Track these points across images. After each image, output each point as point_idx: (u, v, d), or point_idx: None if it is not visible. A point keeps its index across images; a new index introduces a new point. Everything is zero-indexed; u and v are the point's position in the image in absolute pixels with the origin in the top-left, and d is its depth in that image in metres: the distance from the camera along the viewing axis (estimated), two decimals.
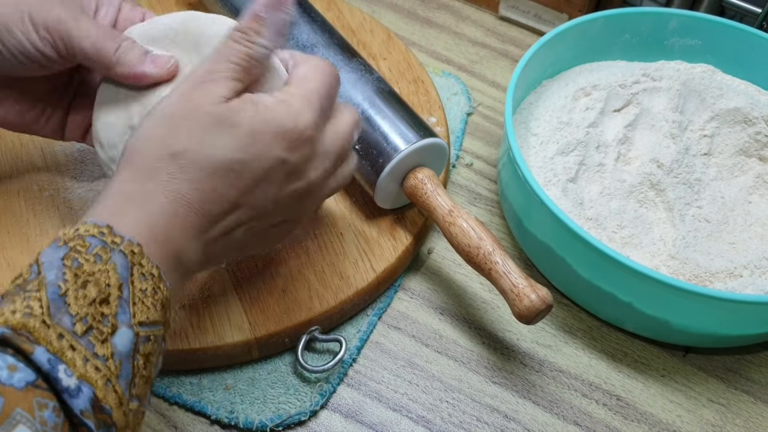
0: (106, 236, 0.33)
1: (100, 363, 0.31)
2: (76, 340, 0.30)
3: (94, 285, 0.32)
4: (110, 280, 0.32)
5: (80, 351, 0.30)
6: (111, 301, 0.32)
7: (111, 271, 0.33)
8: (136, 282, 0.33)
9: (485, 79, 0.71)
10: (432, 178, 0.52)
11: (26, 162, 0.56)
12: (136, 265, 0.34)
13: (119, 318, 0.32)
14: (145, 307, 0.33)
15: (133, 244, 0.34)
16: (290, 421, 0.48)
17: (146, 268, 0.34)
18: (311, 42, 0.57)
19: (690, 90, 0.60)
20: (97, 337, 0.31)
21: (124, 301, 0.33)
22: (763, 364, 0.54)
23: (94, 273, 0.32)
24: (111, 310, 0.32)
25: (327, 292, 0.51)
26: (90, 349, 0.31)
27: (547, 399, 0.51)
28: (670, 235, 0.53)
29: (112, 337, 0.32)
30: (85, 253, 0.33)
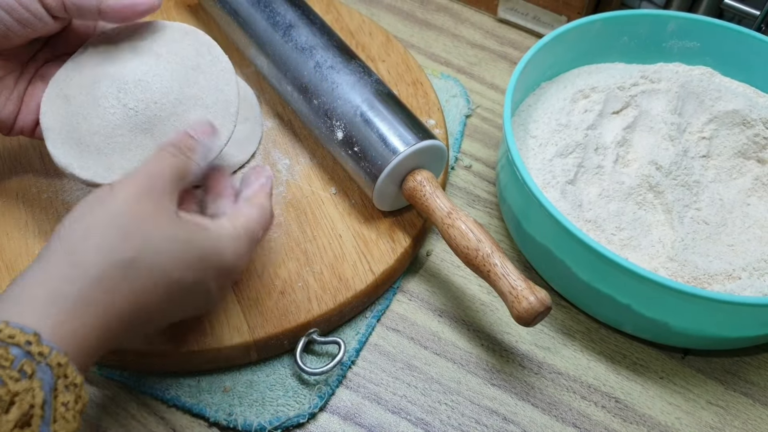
0: (32, 346, 0.32)
1: None
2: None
3: (18, 407, 0.30)
4: (35, 400, 0.31)
5: None
6: (33, 423, 0.31)
7: (36, 390, 0.31)
8: (60, 396, 0.32)
9: (484, 82, 0.71)
10: (431, 180, 0.52)
11: (25, 164, 0.56)
12: (61, 378, 0.32)
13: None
14: (65, 422, 0.32)
15: (60, 354, 0.32)
16: (289, 423, 0.48)
17: (70, 379, 0.33)
18: (310, 44, 0.57)
19: (688, 92, 0.60)
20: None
21: (45, 421, 0.31)
22: (762, 366, 0.54)
23: (18, 393, 0.30)
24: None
25: (326, 294, 0.51)
26: None
27: (545, 401, 0.51)
28: (668, 237, 0.53)
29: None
30: (9, 368, 0.31)
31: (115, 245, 0.36)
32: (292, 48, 0.57)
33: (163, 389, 0.49)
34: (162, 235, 0.37)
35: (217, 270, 0.40)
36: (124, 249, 0.36)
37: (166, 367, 0.49)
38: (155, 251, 0.37)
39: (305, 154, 0.59)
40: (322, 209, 0.56)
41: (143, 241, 0.37)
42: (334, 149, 0.55)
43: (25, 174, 0.55)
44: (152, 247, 0.37)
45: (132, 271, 0.36)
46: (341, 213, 0.55)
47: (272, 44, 0.58)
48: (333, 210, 0.56)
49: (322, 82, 0.55)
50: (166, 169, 0.40)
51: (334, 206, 0.56)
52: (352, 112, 0.53)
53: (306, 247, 0.53)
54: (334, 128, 0.53)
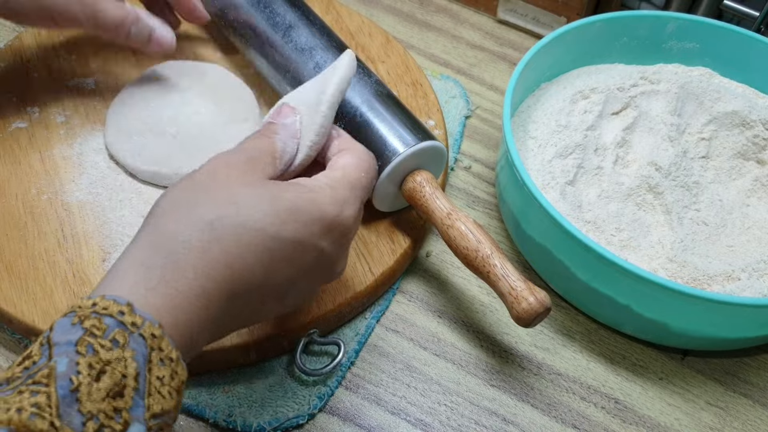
0: (125, 316, 0.30)
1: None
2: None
3: (110, 376, 0.29)
4: (127, 370, 0.29)
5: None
6: (126, 394, 0.29)
7: (129, 359, 0.30)
8: (154, 369, 0.30)
9: (483, 82, 0.71)
10: (430, 180, 0.52)
11: (24, 165, 0.56)
12: (155, 349, 0.31)
13: (133, 412, 0.29)
14: (160, 397, 0.30)
15: (154, 325, 0.31)
16: (288, 424, 0.48)
17: (165, 353, 0.31)
18: (309, 45, 0.57)
19: (688, 93, 0.60)
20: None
21: (139, 393, 0.30)
22: (762, 367, 0.54)
23: (110, 362, 0.29)
24: (125, 404, 0.29)
25: (325, 294, 0.51)
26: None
27: (545, 402, 0.51)
28: (668, 238, 0.53)
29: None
30: (102, 337, 0.30)
31: (199, 207, 0.35)
32: (291, 49, 0.57)
33: None
34: (248, 193, 0.35)
35: (319, 223, 0.37)
36: (209, 210, 0.34)
37: None
38: (241, 206, 0.35)
39: None
40: None
41: (228, 199, 0.35)
42: None
43: (24, 175, 0.55)
44: (238, 203, 0.35)
45: (219, 230, 0.34)
46: None
47: (272, 45, 0.58)
48: None
49: None
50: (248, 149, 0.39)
51: None
52: (352, 112, 0.53)
53: None
54: None
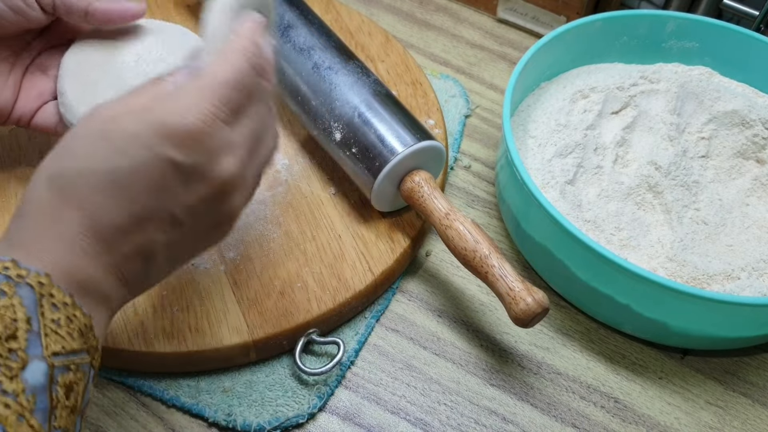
0: (10, 270, 0.32)
1: (10, 400, 0.30)
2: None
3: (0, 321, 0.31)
4: (16, 315, 0.31)
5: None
6: (19, 336, 0.31)
7: (17, 306, 0.31)
8: (47, 313, 0.32)
9: (483, 82, 0.71)
10: (429, 180, 0.52)
11: (24, 164, 0.56)
12: (45, 296, 0.32)
13: (29, 351, 0.31)
14: (59, 337, 0.32)
15: (40, 275, 0.32)
16: (288, 423, 0.48)
17: (57, 298, 0.33)
18: (308, 44, 0.57)
19: (687, 92, 0.60)
20: (6, 374, 0.30)
21: (34, 334, 0.31)
22: (761, 367, 0.54)
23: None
24: (19, 344, 0.31)
25: (325, 294, 0.51)
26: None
27: (545, 401, 0.51)
28: (667, 238, 0.53)
29: (22, 372, 0.30)
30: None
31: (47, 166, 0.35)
32: (290, 49, 0.57)
33: (162, 389, 0.49)
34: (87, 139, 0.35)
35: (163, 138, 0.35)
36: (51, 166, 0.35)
37: (165, 367, 0.49)
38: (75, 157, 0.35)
39: (304, 155, 0.59)
40: (321, 210, 0.56)
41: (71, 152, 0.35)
42: (332, 150, 0.55)
43: (24, 175, 0.55)
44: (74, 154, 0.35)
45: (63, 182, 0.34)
46: (340, 213, 0.56)
47: None
48: (332, 210, 0.56)
49: (320, 83, 0.55)
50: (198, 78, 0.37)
51: (333, 207, 0.56)
52: (351, 112, 0.53)
53: (305, 248, 0.53)
54: (332, 129, 0.53)
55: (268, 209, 0.55)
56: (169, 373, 0.49)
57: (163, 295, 0.50)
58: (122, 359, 0.48)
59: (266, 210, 0.55)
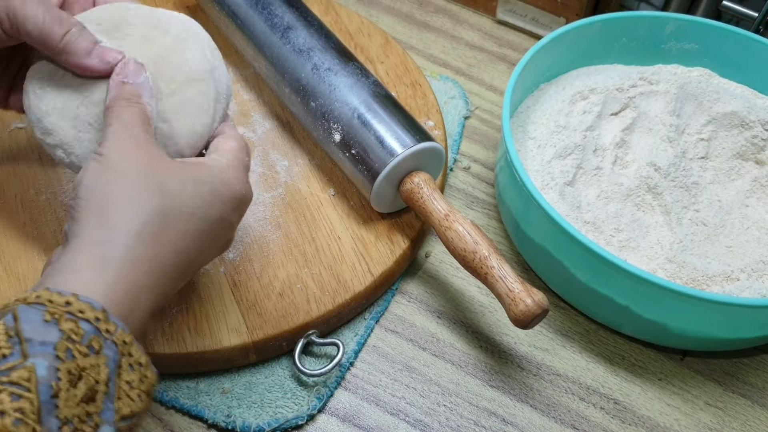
0: (100, 323, 0.32)
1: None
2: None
3: (85, 382, 0.30)
4: (100, 377, 0.31)
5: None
6: (97, 399, 0.31)
7: (102, 366, 0.31)
8: (124, 374, 0.32)
9: (483, 83, 0.71)
10: (428, 182, 0.52)
11: (23, 165, 0.56)
12: (125, 356, 0.32)
13: (103, 416, 0.31)
14: (129, 400, 0.32)
15: (125, 333, 0.32)
16: (287, 425, 0.48)
17: (134, 358, 0.33)
18: (308, 46, 0.57)
19: (687, 94, 0.60)
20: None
21: (109, 397, 0.31)
22: (761, 368, 0.54)
23: (86, 368, 0.30)
24: (96, 408, 0.30)
25: (324, 295, 0.51)
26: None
27: (544, 402, 0.51)
28: (667, 239, 0.53)
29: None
30: (80, 343, 0.30)
31: (139, 198, 0.36)
32: (290, 50, 0.57)
33: (161, 391, 0.49)
34: (174, 179, 0.37)
35: (231, 200, 0.40)
36: (150, 199, 0.36)
37: (164, 368, 0.49)
38: (175, 195, 0.37)
39: (304, 156, 0.59)
40: (320, 211, 0.56)
41: (161, 189, 0.36)
42: (332, 151, 0.55)
43: (23, 176, 0.55)
44: (171, 191, 0.37)
45: (165, 219, 0.36)
46: (340, 214, 0.56)
47: (270, 46, 0.58)
48: (332, 211, 0.56)
49: (319, 84, 0.55)
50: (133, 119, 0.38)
51: (332, 208, 0.56)
52: (350, 114, 0.53)
53: (305, 249, 0.53)
54: (331, 130, 0.53)
55: (267, 210, 0.55)
56: (168, 374, 0.49)
57: None
58: None
59: (266, 211, 0.55)
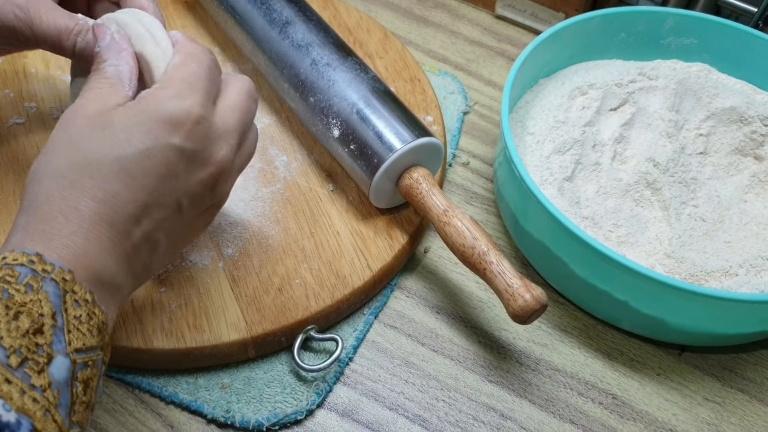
0: (35, 264, 0.32)
1: (38, 394, 0.30)
2: (11, 373, 0.30)
3: (27, 315, 0.31)
4: (43, 310, 0.32)
5: (16, 384, 0.29)
6: (45, 331, 0.31)
7: (43, 300, 0.32)
8: (70, 309, 0.33)
9: (482, 78, 0.71)
10: (427, 177, 0.52)
11: (22, 161, 0.56)
12: (69, 292, 0.33)
13: (54, 347, 0.31)
14: (80, 334, 0.33)
15: (65, 271, 0.33)
16: (287, 420, 0.48)
17: (79, 295, 0.33)
18: (306, 41, 0.57)
19: (686, 89, 0.60)
20: (33, 368, 0.30)
21: (59, 329, 0.32)
22: (759, 363, 0.54)
23: (26, 303, 0.31)
24: (46, 339, 0.31)
25: (323, 291, 0.51)
26: (26, 381, 0.30)
27: (542, 398, 0.51)
28: (665, 234, 0.54)
29: (48, 367, 0.31)
30: (15, 283, 0.32)
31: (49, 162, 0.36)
32: (288, 45, 0.57)
33: (160, 386, 0.49)
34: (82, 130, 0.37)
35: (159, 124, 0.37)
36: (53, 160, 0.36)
37: (163, 364, 0.49)
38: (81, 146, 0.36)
39: (302, 151, 0.59)
40: (319, 206, 0.56)
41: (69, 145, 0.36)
42: (330, 146, 0.55)
43: (22, 171, 0.55)
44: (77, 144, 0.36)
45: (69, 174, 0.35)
46: (339, 210, 0.56)
47: (269, 41, 0.58)
48: (330, 207, 0.56)
49: (318, 80, 0.55)
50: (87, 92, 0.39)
51: (331, 203, 0.56)
52: (349, 109, 0.53)
53: (303, 244, 0.53)
54: (330, 126, 0.53)
55: (266, 206, 0.55)
56: (167, 369, 0.49)
57: (162, 292, 0.50)
58: (121, 356, 0.48)
59: (264, 207, 0.55)
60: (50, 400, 0.30)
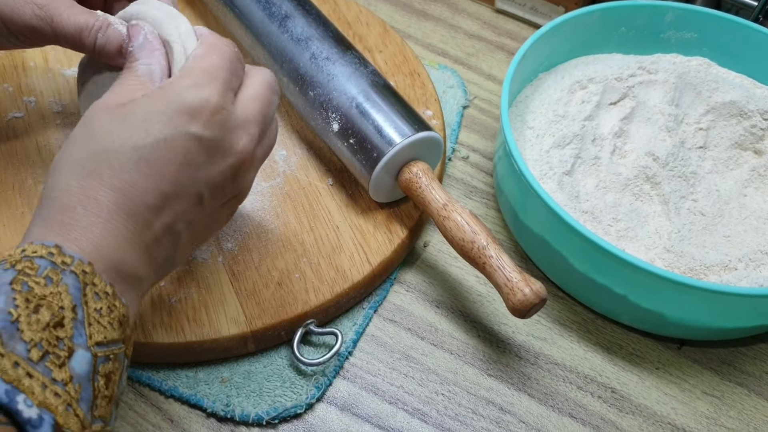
0: (55, 257, 0.32)
1: (59, 388, 0.30)
2: (33, 367, 0.29)
3: (47, 308, 0.31)
4: (63, 303, 0.31)
5: (38, 378, 0.29)
6: (65, 324, 0.31)
7: (63, 293, 0.31)
8: (90, 302, 0.32)
9: (481, 72, 0.71)
10: (427, 171, 0.52)
11: (21, 155, 0.56)
12: (89, 284, 0.33)
13: (75, 340, 0.31)
14: (101, 327, 0.32)
15: (84, 263, 0.33)
16: (286, 414, 0.48)
17: (99, 287, 0.33)
18: (306, 35, 0.56)
19: (686, 83, 0.60)
20: (54, 362, 0.30)
21: (79, 322, 0.32)
22: (757, 357, 0.54)
23: (45, 296, 0.31)
24: (66, 333, 0.31)
25: (323, 285, 0.51)
26: (47, 375, 0.30)
27: (542, 391, 0.51)
28: (665, 228, 0.54)
29: (69, 361, 0.31)
30: (35, 275, 0.31)
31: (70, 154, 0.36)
32: (287, 39, 0.57)
33: (160, 380, 0.49)
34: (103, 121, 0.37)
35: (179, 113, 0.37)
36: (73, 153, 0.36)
37: (163, 357, 0.49)
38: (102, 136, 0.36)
39: (302, 145, 0.59)
40: (319, 200, 0.56)
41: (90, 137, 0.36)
42: (330, 141, 0.55)
43: (21, 165, 0.55)
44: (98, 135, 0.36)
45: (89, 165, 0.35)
46: (338, 204, 0.55)
47: (268, 35, 0.58)
48: (330, 201, 0.56)
49: (318, 74, 0.54)
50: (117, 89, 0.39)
51: (331, 197, 0.56)
52: (348, 103, 0.53)
53: (303, 239, 0.53)
54: (330, 120, 0.53)
55: (266, 200, 0.55)
56: (167, 363, 0.49)
57: (161, 286, 0.50)
58: None
59: (264, 201, 0.55)
60: (72, 395, 0.30)
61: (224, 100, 0.39)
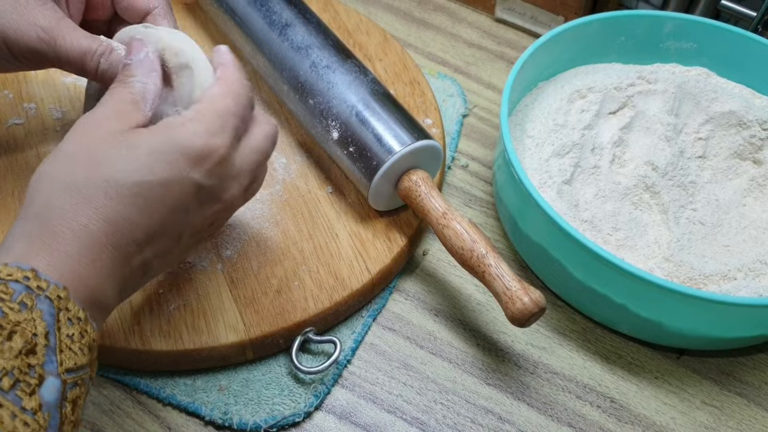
0: (30, 281, 0.32)
1: (29, 417, 0.29)
2: (3, 396, 0.29)
3: (20, 336, 0.30)
4: (36, 329, 0.31)
5: (7, 407, 0.29)
6: (38, 351, 0.31)
7: (37, 320, 0.31)
8: (63, 328, 0.32)
9: (481, 81, 0.71)
10: (426, 180, 0.52)
11: (21, 162, 0.56)
12: (63, 310, 0.32)
13: (46, 368, 0.31)
14: (72, 353, 0.32)
15: (59, 288, 0.33)
16: (284, 422, 0.48)
17: (72, 312, 0.33)
18: (306, 43, 0.57)
19: (685, 93, 0.60)
20: (24, 390, 0.30)
21: (51, 349, 0.31)
22: (757, 367, 0.54)
23: (20, 323, 0.31)
24: (38, 360, 0.31)
25: (322, 293, 0.51)
26: (17, 404, 0.29)
27: (541, 401, 0.51)
28: (664, 238, 0.54)
29: (39, 389, 0.30)
30: (9, 300, 0.31)
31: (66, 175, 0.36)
32: (288, 47, 0.57)
33: (158, 388, 0.49)
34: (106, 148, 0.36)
35: (185, 157, 0.37)
36: (74, 174, 0.35)
37: (161, 365, 0.49)
38: (103, 163, 0.36)
39: (302, 153, 0.59)
40: (318, 208, 0.56)
41: (89, 159, 0.36)
42: (330, 149, 0.55)
43: (21, 172, 0.55)
44: (99, 161, 0.36)
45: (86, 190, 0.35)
46: (337, 212, 0.56)
47: (268, 43, 0.58)
48: (329, 209, 0.56)
49: (317, 82, 0.55)
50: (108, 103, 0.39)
51: (330, 205, 0.56)
52: (348, 111, 0.53)
53: (302, 246, 0.53)
54: (329, 128, 0.53)
55: (265, 207, 0.55)
56: (165, 371, 0.49)
57: (160, 294, 0.50)
58: (119, 357, 0.48)
59: (263, 208, 0.55)
60: (40, 423, 0.30)
61: (230, 151, 0.39)
